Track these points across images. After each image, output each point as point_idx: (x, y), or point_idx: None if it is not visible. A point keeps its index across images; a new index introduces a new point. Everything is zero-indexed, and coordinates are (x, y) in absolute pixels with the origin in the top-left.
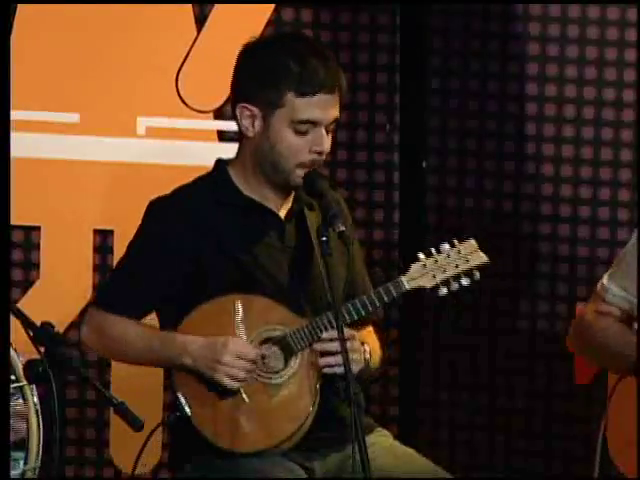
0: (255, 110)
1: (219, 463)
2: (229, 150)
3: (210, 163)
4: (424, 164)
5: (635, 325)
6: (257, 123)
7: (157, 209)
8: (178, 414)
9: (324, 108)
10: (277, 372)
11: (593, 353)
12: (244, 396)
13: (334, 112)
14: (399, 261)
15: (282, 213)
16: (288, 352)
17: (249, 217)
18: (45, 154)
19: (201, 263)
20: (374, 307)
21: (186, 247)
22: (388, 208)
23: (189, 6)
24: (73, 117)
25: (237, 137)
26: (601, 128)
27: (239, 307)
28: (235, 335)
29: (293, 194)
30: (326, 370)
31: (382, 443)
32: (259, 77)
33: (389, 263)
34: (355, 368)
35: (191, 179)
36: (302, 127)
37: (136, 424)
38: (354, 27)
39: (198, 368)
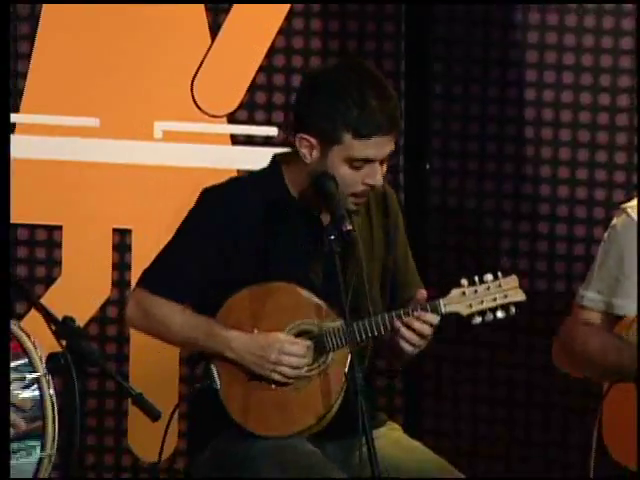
0: (314, 142)
1: (236, 444)
2: (241, 153)
3: (223, 165)
4: (427, 166)
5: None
6: (315, 153)
7: (209, 198)
8: (208, 382)
9: (380, 148)
10: (307, 365)
11: (580, 366)
12: (272, 384)
13: (389, 149)
14: None
15: (324, 219)
16: (320, 348)
17: (293, 217)
18: (67, 157)
19: (243, 253)
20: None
21: (231, 236)
22: None
23: (203, 16)
24: (94, 121)
25: (249, 141)
26: (597, 132)
27: (282, 295)
28: (272, 323)
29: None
30: (401, 342)
31: (391, 436)
32: (319, 113)
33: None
34: (415, 347)
35: (205, 180)
36: (357, 163)
37: (154, 414)
38: (361, 35)
39: (244, 363)
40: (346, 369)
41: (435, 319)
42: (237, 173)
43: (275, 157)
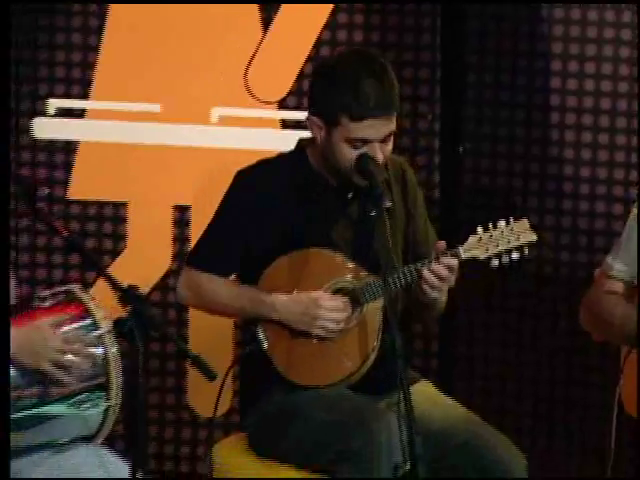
0: (320, 123)
1: (284, 397)
2: (291, 136)
3: (274, 147)
4: (461, 149)
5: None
6: (322, 133)
7: (242, 178)
8: (256, 345)
9: (376, 129)
10: (345, 320)
11: (604, 331)
12: (314, 339)
13: (386, 130)
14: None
15: (346, 191)
16: (356, 303)
17: (320, 192)
18: (131, 140)
19: (277, 225)
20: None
21: (265, 211)
22: (430, 187)
23: (256, 13)
24: (155, 107)
25: (298, 125)
26: (616, 117)
27: (318, 259)
28: (310, 284)
29: None
30: (425, 288)
31: (424, 392)
32: (322, 97)
33: None
34: (441, 292)
35: (267, 157)
36: (356, 143)
37: (210, 375)
38: (400, 28)
39: (289, 323)
40: (380, 322)
41: (454, 263)
42: None
43: (300, 141)
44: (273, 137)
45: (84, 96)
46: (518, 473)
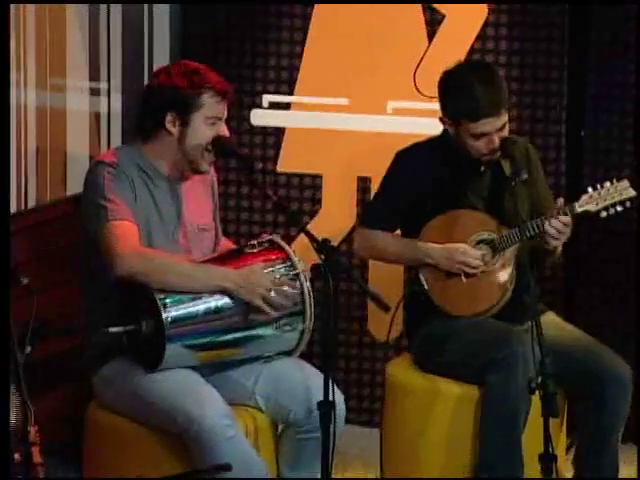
0: (449, 122)
1: (440, 325)
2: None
3: (430, 132)
4: (582, 133)
5: None
6: (451, 129)
7: (401, 156)
8: (418, 286)
9: (490, 124)
10: (486, 263)
11: None
12: (463, 278)
13: (499, 123)
14: (565, 199)
15: (480, 165)
16: (495, 250)
17: (460, 166)
18: (326, 126)
19: (430, 192)
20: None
21: (419, 182)
22: (558, 162)
23: (422, 23)
24: (344, 101)
25: None
26: None
27: (466, 219)
28: (458, 237)
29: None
30: (547, 238)
31: (551, 321)
32: (446, 103)
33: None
34: (560, 242)
35: (420, 140)
36: (477, 136)
37: (385, 307)
38: (533, 37)
39: (439, 265)
40: (514, 265)
41: (568, 220)
42: None
43: (445, 129)
44: (433, 124)
45: (290, 92)
46: (626, 379)
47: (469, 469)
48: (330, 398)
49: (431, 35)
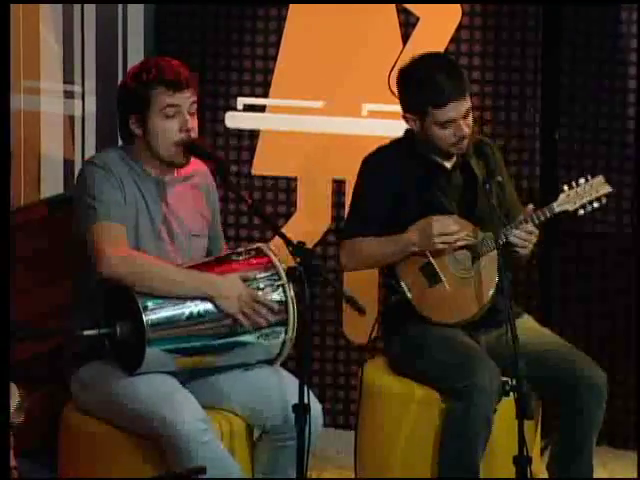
0: (413, 117)
1: (418, 332)
2: None
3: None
4: (557, 135)
5: None
6: (417, 125)
7: (368, 161)
8: (402, 294)
9: (456, 110)
10: (467, 269)
11: None
12: (446, 285)
13: (465, 107)
14: (539, 202)
15: (448, 165)
16: (475, 255)
17: (426, 168)
18: (301, 129)
19: (401, 193)
20: (533, 224)
21: (390, 183)
22: (532, 165)
23: (397, 28)
24: (320, 103)
25: None
26: None
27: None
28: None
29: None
30: (516, 248)
31: (526, 325)
32: (409, 97)
33: (531, 200)
34: (528, 250)
35: (384, 144)
36: (445, 125)
37: (361, 310)
38: (509, 40)
39: (423, 248)
40: (496, 272)
41: (532, 229)
42: None
43: (407, 130)
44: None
45: (265, 95)
46: (600, 386)
47: None
48: (305, 401)
49: (405, 37)
